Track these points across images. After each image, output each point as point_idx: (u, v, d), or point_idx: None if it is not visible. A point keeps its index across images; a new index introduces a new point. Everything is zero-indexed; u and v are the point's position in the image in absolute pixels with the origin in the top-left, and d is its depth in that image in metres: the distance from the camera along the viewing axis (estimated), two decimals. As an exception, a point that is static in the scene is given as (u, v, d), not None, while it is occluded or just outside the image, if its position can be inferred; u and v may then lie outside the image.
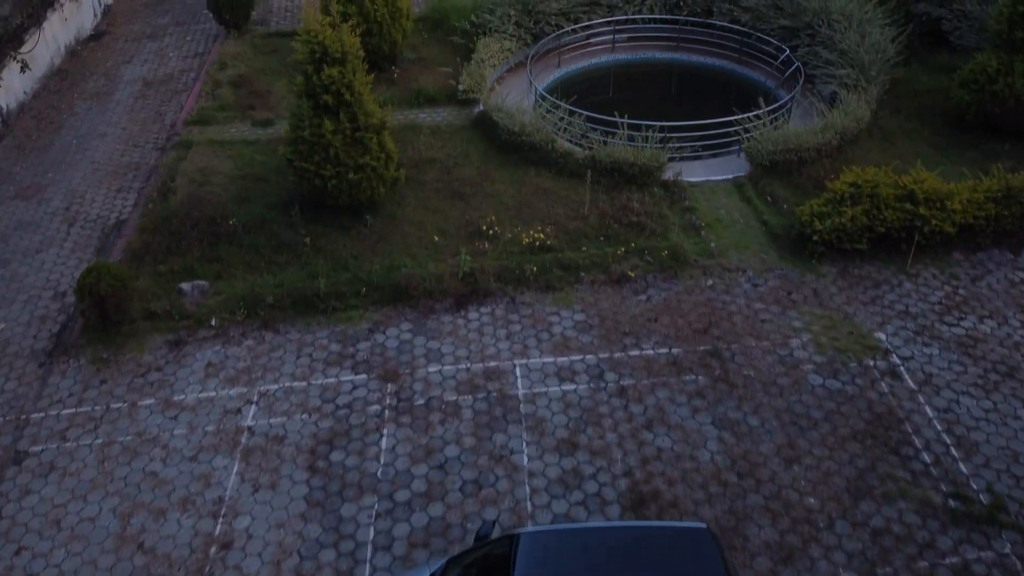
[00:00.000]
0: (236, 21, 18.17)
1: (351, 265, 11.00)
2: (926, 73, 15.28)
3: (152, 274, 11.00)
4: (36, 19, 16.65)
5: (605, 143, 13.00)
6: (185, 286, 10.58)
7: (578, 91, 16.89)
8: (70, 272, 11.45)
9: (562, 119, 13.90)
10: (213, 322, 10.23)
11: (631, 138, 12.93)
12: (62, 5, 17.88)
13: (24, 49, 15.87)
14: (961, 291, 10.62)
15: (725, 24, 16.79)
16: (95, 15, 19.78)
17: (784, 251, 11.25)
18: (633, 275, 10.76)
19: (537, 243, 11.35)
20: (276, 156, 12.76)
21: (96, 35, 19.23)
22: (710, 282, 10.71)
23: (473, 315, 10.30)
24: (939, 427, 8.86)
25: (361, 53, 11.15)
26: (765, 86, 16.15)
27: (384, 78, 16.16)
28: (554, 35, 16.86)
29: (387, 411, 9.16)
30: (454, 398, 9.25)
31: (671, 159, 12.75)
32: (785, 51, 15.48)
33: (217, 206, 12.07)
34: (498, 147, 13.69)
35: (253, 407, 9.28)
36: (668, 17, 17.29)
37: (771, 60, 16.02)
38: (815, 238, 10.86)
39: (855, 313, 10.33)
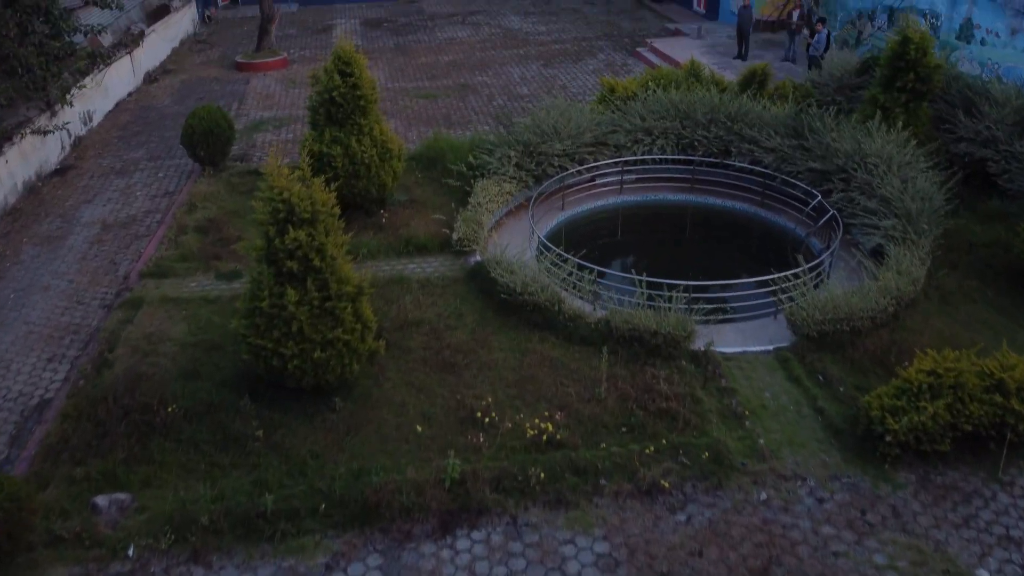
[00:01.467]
0: (212, 158, 16.72)
1: (310, 468, 8.84)
2: (978, 222, 13.66)
3: (65, 480, 8.81)
4: (-12, 156, 15.17)
5: (621, 306, 11.13)
6: (101, 501, 8.37)
7: (584, 236, 15.30)
8: (-32, 471, 9.28)
9: (570, 274, 12.11)
10: (131, 551, 7.97)
11: (651, 297, 11.09)
12: (23, 138, 16.45)
13: (-32, 190, 14.28)
14: (1074, 506, 8.46)
15: (745, 165, 15.34)
16: (62, 148, 18.39)
17: (848, 450, 9.14)
18: (667, 485, 8.60)
19: (544, 436, 9.25)
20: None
21: (61, 170, 17.76)
22: (764, 496, 8.55)
23: (462, 543, 8.05)
24: None
25: (336, 210, 9.41)
26: (795, 234, 14.51)
27: (371, 223, 14.52)
28: (557, 177, 15.36)
29: None
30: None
31: (698, 321, 10.84)
32: (817, 197, 13.89)
33: (158, 385, 10.01)
34: (497, 305, 11.82)
35: None
36: (681, 157, 15.87)
37: (799, 205, 14.44)
38: (888, 439, 8.78)
39: (947, 541, 8.11)
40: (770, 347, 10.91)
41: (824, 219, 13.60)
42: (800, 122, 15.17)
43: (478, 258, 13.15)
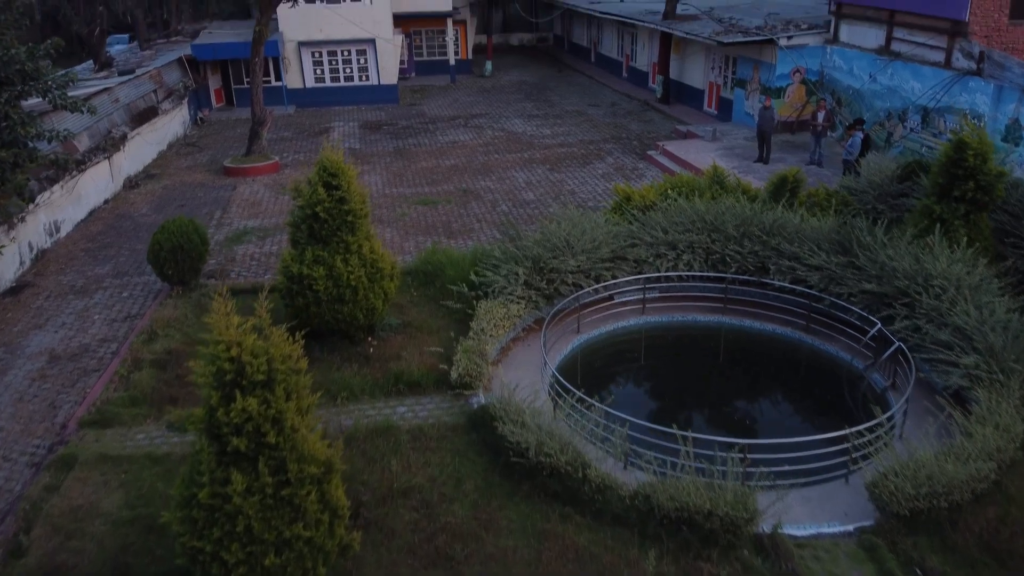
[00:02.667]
0: (181, 276, 14.89)
1: None
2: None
3: None
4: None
5: (664, 475, 8.97)
6: None
7: (604, 363, 13.35)
8: None
9: (596, 425, 10.00)
10: None
11: (692, 454, 8.98)
12: (-28, 257, 14.67)
13: None
14: None
15: (786, 284, 13.46)
16: (21, 263, 16.60)
17: None
18: None
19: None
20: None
21: (16, 288, 15.90)
22: None
23: None
24: None
25: (303, 364, 7.39)
26: (851, 366, 12.48)
27: (356, 354, 12.53)
28: (572, 296, 13.48)
29: None
30: None
31: (753, 485, 8.66)
32: (876, 325, 11.92)
33: (71, 588, 7.79)
34: (504, 467, 9.67)
35: None
36: (711, 275, 14.01)
37: (854, 333, 12.47)
38: None
39: None
40: (850, 527, 8.68)
41: (888, 352, 11.59)
42: (847, 236, 13.38)
43: (481, 400, 11.09)
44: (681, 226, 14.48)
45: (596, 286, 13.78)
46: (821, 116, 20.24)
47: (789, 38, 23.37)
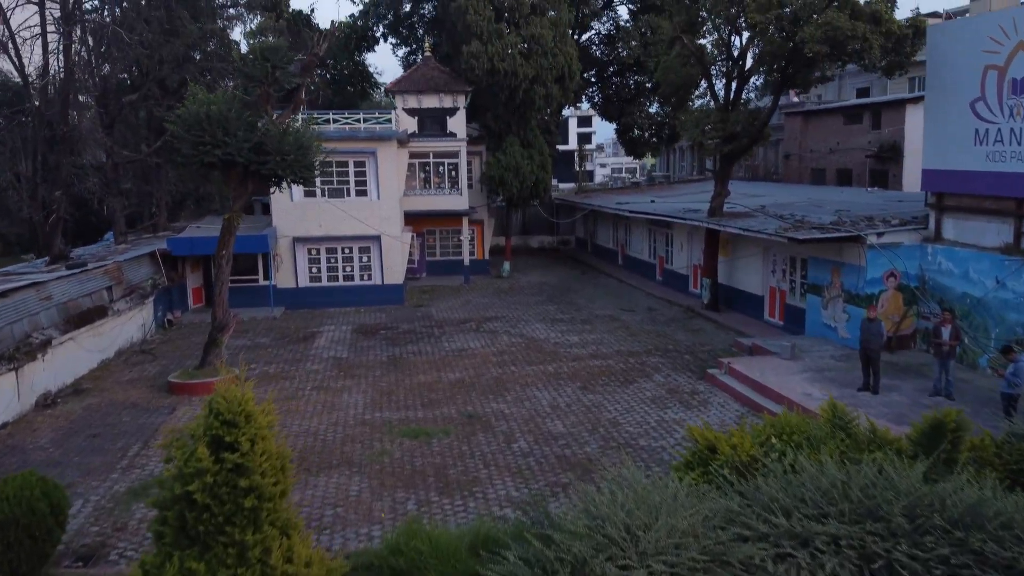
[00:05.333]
0: (16, 567, 9.32)
1: None
2: None
3: None
4: None
5: None
6: None
7: None
8: None
9: None
10: None
11: None
12: None
13: None
14: None
15: None
16: None
17: None
18: None
19: None
20: None
21: None
22: None
23: None
24: None
25: None
26: None
27: None
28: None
29: None
30: None
31: None
32: None
33: None
34: None
35: None
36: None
37: None
38: None
39: None
40: None
41: None
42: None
43: None
44: (812, 505, 8.92)
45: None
46: (947, 332, 15.19)
47: (880, 235, 18.95)
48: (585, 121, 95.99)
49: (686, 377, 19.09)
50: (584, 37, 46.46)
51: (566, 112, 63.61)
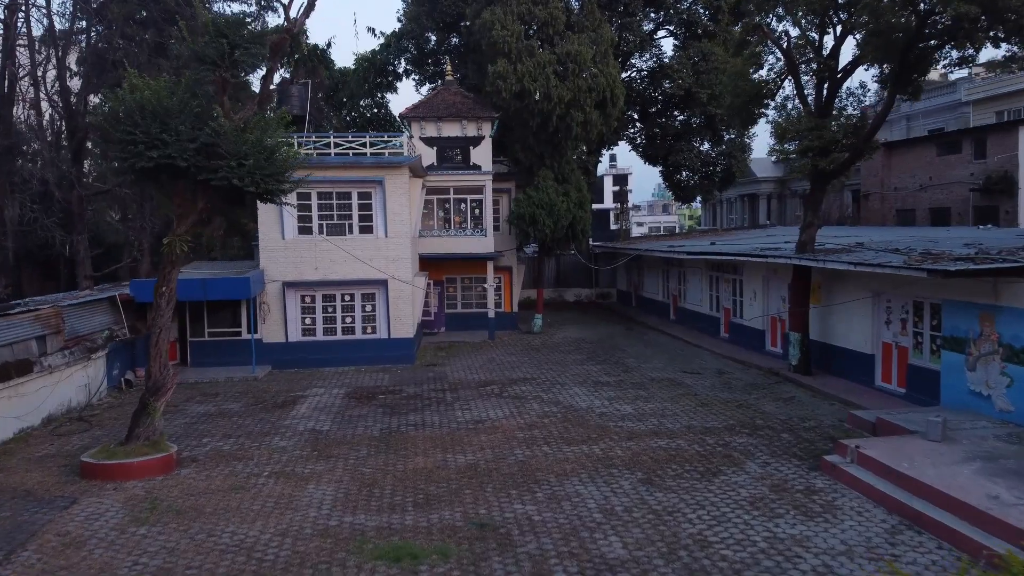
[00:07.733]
0: None
1: None
2: None
3: None
4: None
5: None
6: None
7: None
8: None
9: None
10: None
11: None
12: None
13: None
14: None
15: None
16: None
17: None
18: None
19: None
20: None
21: None
22: None
23: None
24: None
25: None
26: None
27: None
28: None
29: None
30: None
31: None
32: None
33: None
34: None
35: None
36: None
37: None
38: None
39: None
40: None
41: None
42: None
43: None
44: None
45: None
46: None
47: (1064, 264, 13.48)
48: (621, 179, 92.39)
49: (793, 467, 13.50)
50: (624, 76, 42.04)
51: (600, 170, 58.75)
